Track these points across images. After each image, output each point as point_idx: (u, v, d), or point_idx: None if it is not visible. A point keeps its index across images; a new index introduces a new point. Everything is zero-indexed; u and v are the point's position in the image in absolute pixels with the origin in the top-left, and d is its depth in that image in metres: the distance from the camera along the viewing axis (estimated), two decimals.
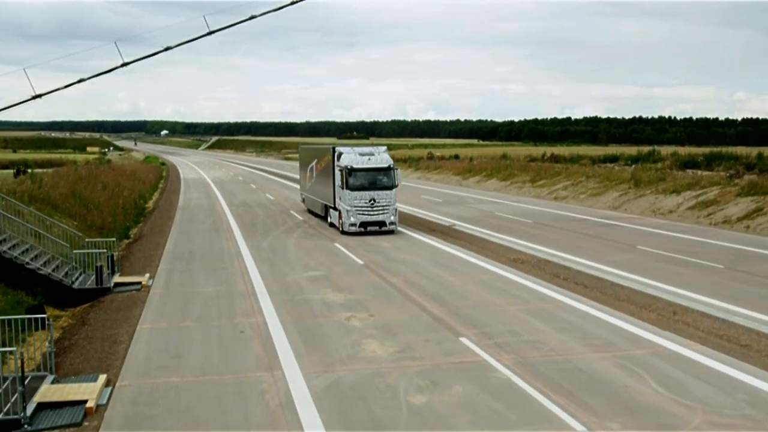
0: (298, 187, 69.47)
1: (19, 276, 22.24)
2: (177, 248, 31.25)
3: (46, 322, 14.98)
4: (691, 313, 20.04)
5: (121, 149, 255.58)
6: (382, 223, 34.19)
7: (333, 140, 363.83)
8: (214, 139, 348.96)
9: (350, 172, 33.82)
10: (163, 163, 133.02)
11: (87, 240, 26.74)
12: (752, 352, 16.47)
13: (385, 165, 34.52)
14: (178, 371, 14.74)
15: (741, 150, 72.17)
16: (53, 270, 23.05)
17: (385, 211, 34.11)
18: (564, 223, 40.71)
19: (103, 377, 14.18)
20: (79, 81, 25.18)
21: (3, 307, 20.45)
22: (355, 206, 33.64)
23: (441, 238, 33.74)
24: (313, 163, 41.85)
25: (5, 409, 12.25)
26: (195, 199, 58.00)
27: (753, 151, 77.69)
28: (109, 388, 13.82)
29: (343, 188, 34.17)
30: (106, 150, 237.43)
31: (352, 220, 33.73)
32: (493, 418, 12.15)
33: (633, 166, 72.59)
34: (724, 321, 19.21)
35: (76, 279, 23.61)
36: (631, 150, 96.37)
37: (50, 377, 14.22)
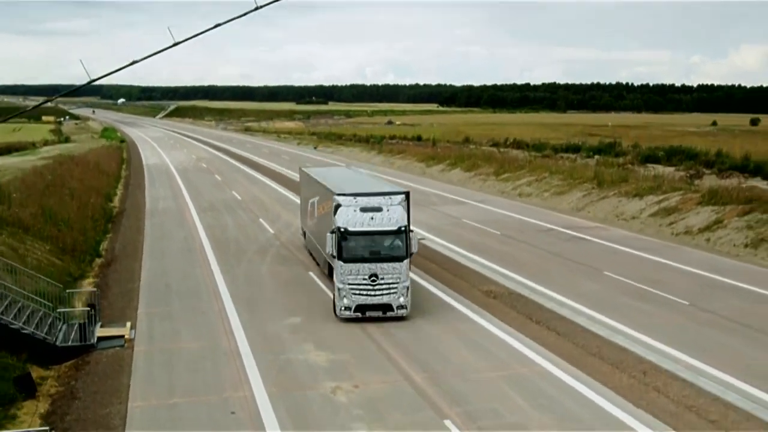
0: (263, 179, 69.75)
1: (1, 335, 22.36)
2: (153, 280, 31.48)
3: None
4: (660, 374, 21.02)
5: (77, 118, 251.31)
6: (387, 307, 24.89)
7: (292, 106, 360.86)
8: (172, 106, 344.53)
9: (344, 235, 24.87)
10: (123, 141, 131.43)
11: (68, 291, 26.81)
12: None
13: (395, 227, 25.15)
14: None
15: (697, 119, 73.79)
16: (36, 326, 23.21)
17: (392, 291, 24.80)
18: (531, 236, 41.63)
19: None
20: (133, 63, 22.43)
21: None
22: (350, 284, 24.61)
23: (415, 265, 34.28)
24: (315, 200, 32.67)
25: None
26: (162, 199, 57.87)
27: (708, 119, 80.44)
28: None
29: (334, 257, 25.32)
30: (62, 119, 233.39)
31: (345, 302, 24.69)
32: None
33: (596, 158, 73.91)
34: (692, 386, 20.21)
35: (59, 332, 23.80)
36: (589, 118, 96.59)
37: None
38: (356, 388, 19.78)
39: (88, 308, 24.46)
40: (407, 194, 27.08)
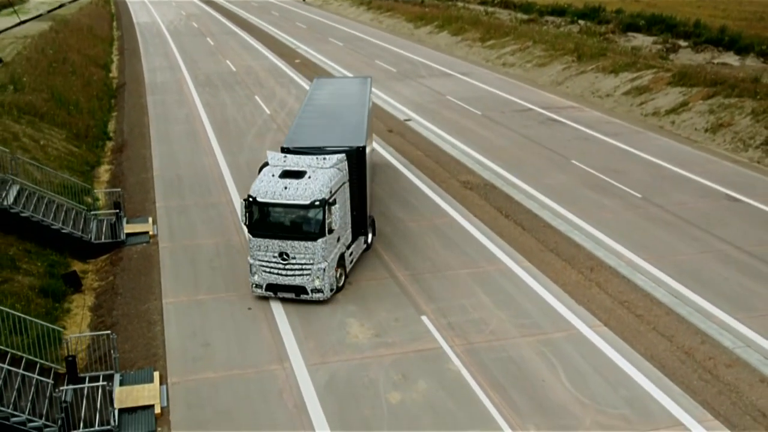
0: (255, 45, 71.72)
1: (44, 235, 26.20)
2: (164, 171, 35.02)
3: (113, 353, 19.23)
4: (604, 271, 25.21)
5: None
6: (300, 290, 22.03)
7: None
8: None
9: (251, 205, 21.78)
10: None
11: (96, 191, 30.44)
12: (642, 325, 21.79)
13: (308, 201, 21.38)
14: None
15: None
16: (72, 225, 27.01)
17: (305, 273, 21.82)
18: (510, 118, 44.96)
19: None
20: None
21: (40, 270, 24.74)
22: (260, 261, 22.00)
23: (399, 153, 37.80)
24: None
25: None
26: (159, 70, 60.25)
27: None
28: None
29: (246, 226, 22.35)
30: None
31: (256, 279, 22.21)
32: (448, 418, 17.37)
33: (579, 23, 75.80)
34: (629, 282, 24.43)
35: (92, 230, 27.63)
36: None
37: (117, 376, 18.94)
38: (350, 284, 23.90)
39: (116, 210, 28.08)
40: (357, 150, 24.11)
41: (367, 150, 26.10)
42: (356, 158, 23.93)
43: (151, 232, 27.86)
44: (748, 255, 26.10)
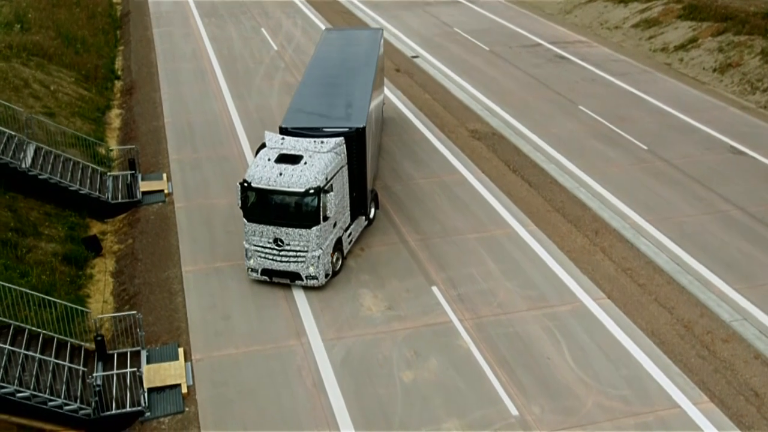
0: None
1: (62, 196, 26.88)
2: (176, 118, 35.37)
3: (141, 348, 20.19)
4: (608, 234, 25.98)
5: None
6: (295, 276, 22.18)
7: None
8: None
9: (246, 190, 21.65)
10: None
11: (111, 148, 30.94)
12: (644, 296, 22.70)
13: (302, 189, 21.21)
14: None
15: None
16: (89, 185, 27.66)
17: (299, 260, 21.94)
18: (517, 55, 44.85)
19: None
20: None
21: (61, 235, 25.56)
22: (255, 246, 22.11)
23: (407, 97, 37.95)
24: None
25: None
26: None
27: None
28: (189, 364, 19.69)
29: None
30: None
31: (252, 263, 22.33)
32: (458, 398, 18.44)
33: None
34: (632, 247, 25.23)
35: (109, 188, 28.28)
36: None
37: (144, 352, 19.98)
38: (362, 251, 24.73)
39: (131, 171, 28.64)
40: (357, 131, 23.58)
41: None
42: (356, 139, 23.42)
43: (166, 190, 28.47)
44: (750, 217, 26.80)
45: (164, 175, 29.55)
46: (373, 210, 26.10)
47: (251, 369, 19.37)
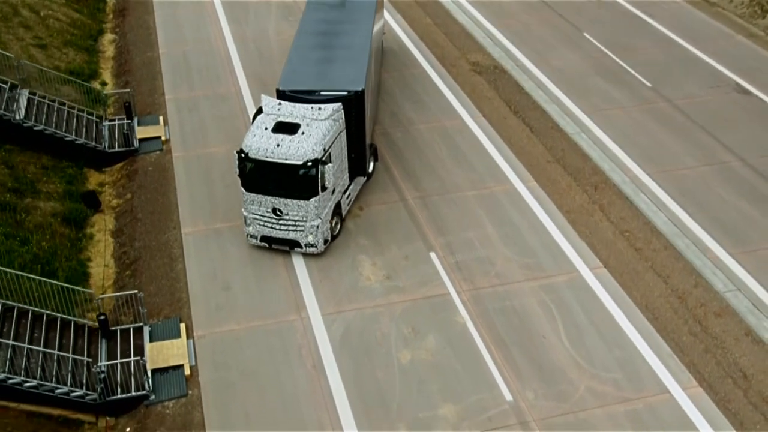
0: None
1: (58, 146, 26.72)
2: (171, 48, 34.59)
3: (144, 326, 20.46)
4: (608, 190, 25.97)
5: None
6: (294, 243, 22.47)
7: None
8: None
9: (243, 161, 21.56)
10: None
11: (105, 93, 30.39)
12: (640, 263, 22.94)
13: (300, 161, 21.11)
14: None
15: None
16: (85, 135, 27.43)
17: (298, 229, 22.10)
18: None
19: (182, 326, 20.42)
20: None
21: (59, 191, 25.59)
22: (254, 214, 22.28)
23: (407, 23, 36.86)
24: None
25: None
26: None
27: None
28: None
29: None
30: None
31: (251, 230, 22.54)
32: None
33: None
34: (631, 205, 25.28)
35: (105, 137, 28.04)
36: None
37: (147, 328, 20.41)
38: (361, 210, 24.78)
39: (127, 120, 28.26)
40: (356, 94, 23.09)
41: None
42: (355, 103, 23.01)
43: (163, 137, 28.21)
44: (750, 169, 26.73)
45: (161, 119, 29.20)
46: (372, 164, 25.88)
47: (252, 348, 19.81)
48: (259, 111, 22.88)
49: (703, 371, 19.33)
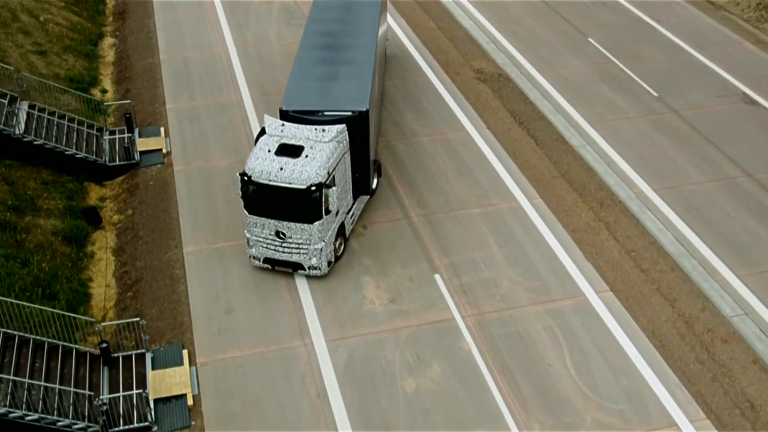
0: None
1: (58, 160, 26.48)
2: (171, 54, 34.25)
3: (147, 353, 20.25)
4: (614, 207, 25.71)
5: None
6: (297, 265, 22.21)
7: None
8: None
9: (246, 183, 21.30)
10: None
11: (106, 104, 30.07)
12: (646, 285, 22.72)
13: (303, 186, 20.79)
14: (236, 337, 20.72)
15: None
16: (86, 148, 27.16)
17: (302, 252, 21.89)
18: None
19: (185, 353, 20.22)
20: None
21: (59, 207, 25.35)
22: (256, 236, 22.06)
23: (411, 27, 36.45)
24: None
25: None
26: None
27: None
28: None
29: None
30: None
31: (254, 252, 22.33)
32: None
33: None
34: (638, 223, 25.04)
35: (106, 150, 27.77)
36: None
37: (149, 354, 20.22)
38: (365, 229, 24.54)
39: (128, 133, 27.96)
40: (360, 114, 22.84)
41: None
42: (359, 122, 22.80)
43: (164, 149, 27.93)
44: (757, 184, 26.47)
45: (162, 130, 28.90)
46: (375, 180, 25.61)
47: (255, 375, 19.62)
48: (263, 132, 22.44)
49: (711, 402, 19.13)
